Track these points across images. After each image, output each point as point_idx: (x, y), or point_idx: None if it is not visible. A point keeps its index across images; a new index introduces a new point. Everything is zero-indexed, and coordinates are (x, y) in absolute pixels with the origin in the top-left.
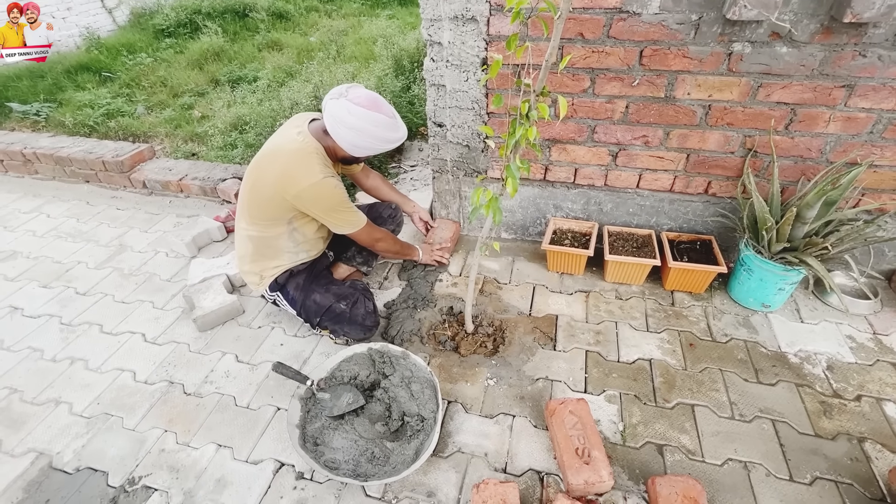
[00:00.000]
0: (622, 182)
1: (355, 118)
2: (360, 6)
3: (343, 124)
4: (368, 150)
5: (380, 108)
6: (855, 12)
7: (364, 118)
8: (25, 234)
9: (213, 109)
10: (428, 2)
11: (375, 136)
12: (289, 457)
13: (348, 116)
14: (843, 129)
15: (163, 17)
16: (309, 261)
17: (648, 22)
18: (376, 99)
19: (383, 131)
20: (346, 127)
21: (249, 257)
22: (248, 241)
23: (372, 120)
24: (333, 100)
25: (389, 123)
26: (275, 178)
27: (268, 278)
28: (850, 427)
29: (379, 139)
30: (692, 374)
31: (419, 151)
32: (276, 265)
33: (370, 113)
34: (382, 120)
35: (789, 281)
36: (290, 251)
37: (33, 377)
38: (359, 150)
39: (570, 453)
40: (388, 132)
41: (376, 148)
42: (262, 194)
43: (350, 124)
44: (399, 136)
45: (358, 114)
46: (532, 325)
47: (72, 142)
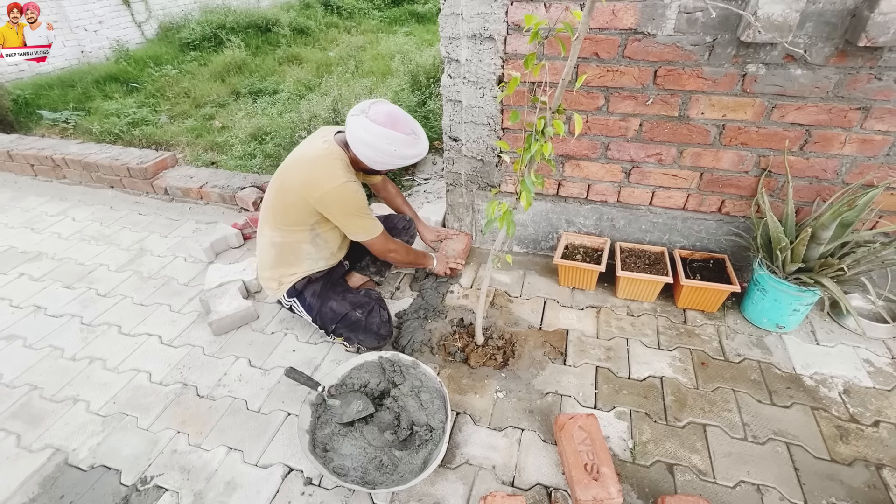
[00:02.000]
0: (635, 199)
1: (371, 136)
2: (379, 23)
3: (361, 141)
4: (387, 165)
5: (396, 126)
6: (870, 36)
7: (380, 136)
8: (51, 237)
9: (234, 120)
10: (447, 20)
11: (391, 153)
12: (298, 462)
13: (365, 134)
14: (858, 150)
15: (189, 31)
16: (326, 269)
17: (663, 43)
18: (396, 116)
19: (400, 148)
20: (364, 144)
21: (270, 263)
22: (270, 248)
23: (388, 138)
24: (354, 117)
25: (406, 140)
26: (299, 181)
27: (286, 284)
28: (868, 453)
29: (395, 156)
30: (704, 393)
31: (433, 165)
32: (296, 272)
33: (386, 131)
34: (398, 137)
35: (804, 302)
36: (311, 258)
37: (53, 375)
38: (377, 165)
39: (578, 469)
40: (404, 149)
41: (394, 164)
42: (287, 199)
43: (367, 141)
44: (417, 153)
45: (374, 132)
46: (542, 339)
47: (99, 148)
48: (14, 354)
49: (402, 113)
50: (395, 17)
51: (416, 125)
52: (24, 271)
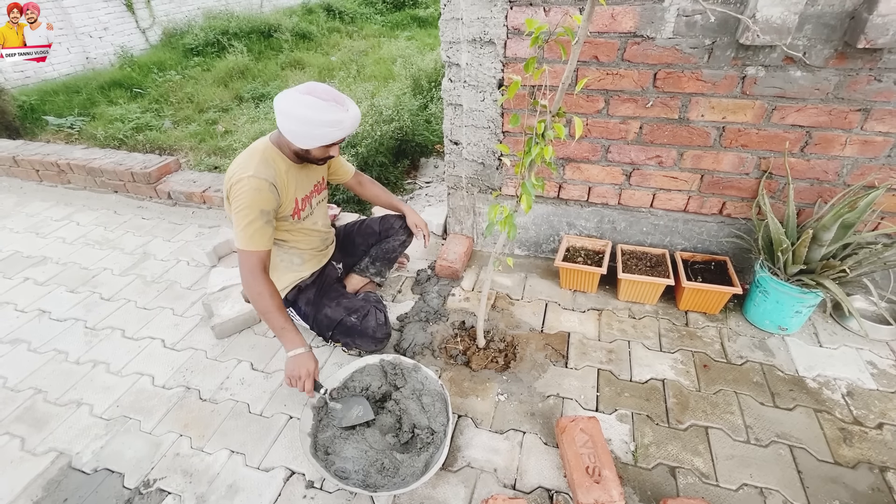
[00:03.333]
0: (636, 201)
1: (288, 104)
2: (381, 27)
3: (281, 113)
4: (311, 138)
5: (313, 92)
6: (869, 38)
7: (296, 102)
8: (56, 241)
9: (237, 125)
10: (448, 25)
11: (310, 119)
12: (300, 465)
13: (284, 104)
14: (859, 152)
15: (192, 37)
16: (315, 272)
17: (662, 46)
18: (313, 85)
19: (317, 113)
20: (284, 115)
21: None
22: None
23: (303, 103)
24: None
25: (323, 106)
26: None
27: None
28: (872, 456)
29: (315, 123)
30: (706, 395)
31: (434, 168)
32: (277, 278)
33: (302, 96)
34: (313, 102)
35: (806, 304)
36: (283, 262)
37: (57, 378)
38: (302, 140)
39: (580, 472)
40: (322, 114)
41: (318, 134)
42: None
43: (286, 111)
44: (338, 119)
45: (292, 99)
46: (544, 341)
47: (103, 153)
48: (19, 358)
49: (327, 87)
50: (397, 22)
51: (341, 96)
52: (29, 275)
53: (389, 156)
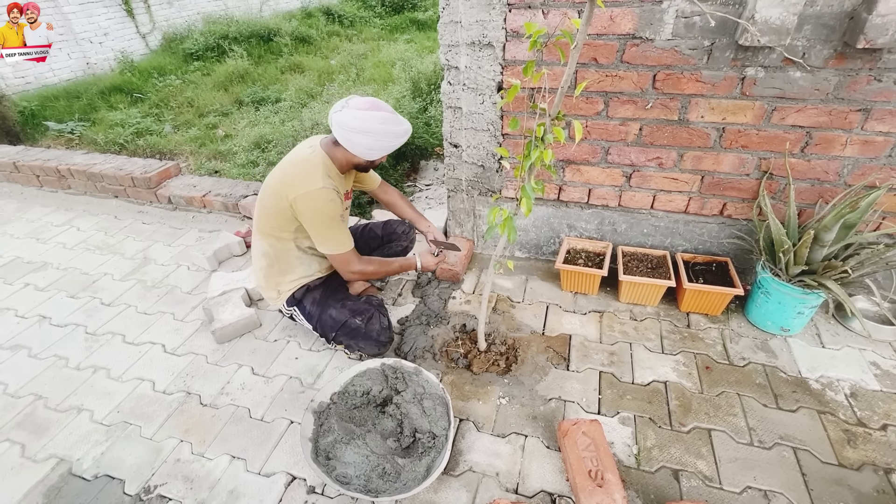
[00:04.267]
0: (636, 203)
1: (361, 121)
2: (380, 31)
3: (352, 130)
4: (380, 150)
5: (379, 108)
6: (868, 38)
7: (369, 119)
8: (56, 247)
9: (237, 129)
10: (446, 28)
11: (383, 132)
12: (301, 470)
13: (355, 122)
14: (860, 152)
15: (192, 42)
16: (324, 275)
17: (661, 48)
18: (375, 100)
19: (389, 126)
20: (356, 132)
21: (264, 272)
22: (262, 257)
23: (376, 118)
24: (339, 112)
25: (392, 118)
26: (278, 184)
27: (285, 293)
28: (876, 457)
29: (387, 135)
30: (709, 397)
31: (434, 171)
32: (292, 279)
33: (373, 113)
34: (386, 116)
35: (808, 304)
36: (302, 263)
37: (58, 384)
38: (372, 153)
39: (582, 475)
40: (393, 126)
41: (387, 146)
42: (267, 203)
43: (359, 128)
44: (404, 129)
45: (364, 117)
46: (545, 344)
47: (103, 159)
48: (19, 364)
49: (377, 99)
50: (396, 25)
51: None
52: (30, 281)
53: (389, 158)
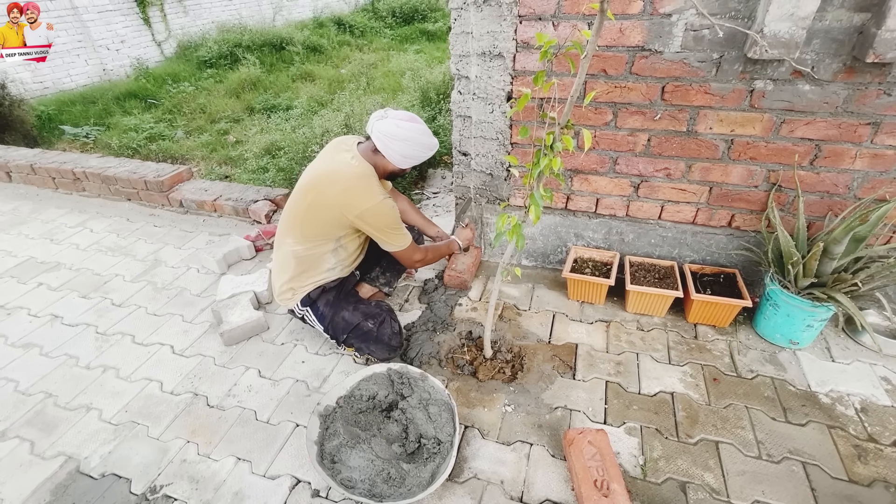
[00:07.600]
0: (644, 213)
1: (405, 131)
2: (390, 41)
3: (395, 138)
4: (413, 159)
5: (417, 120)
6: (877, 53)
7: (411, 129)
8: (69, 248)
9: (248, 135)
10: (457, 39)
11: (420, 143)
12: (305, 473)
13: (398, 130)
14: (870, 165)
15: (206, 50)
16: (340, 278)
17: (670, 60)
18: (412, 114)
19: (425, 138)
20: (398, 140)
21: (289, 273)
22: (291, 258)
23: (417, 130)
24: (380, 120)
25: (427, 131)
26: (338, 199)
27: (300, 293)
28: (888, 474)
29: (422, 146)
30: (716, 409)
31: (442, 179)
32: (313, 281)
33: (414, 124)
34: (424, 129)
35: (818, 317)
36: (329, 268)
37: (68, 383)
38: (406, 161)
39: (588, 485)
40: (428, 139)
41: (419, 156)
42: (323, 214)
43: (401, 137)
44: (434, 143)
45: (406, 127)
46: (551, 352)
47: (118, 162)
48: (31, 362)
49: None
50: (406, 36)
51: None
52: (43, 281)
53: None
